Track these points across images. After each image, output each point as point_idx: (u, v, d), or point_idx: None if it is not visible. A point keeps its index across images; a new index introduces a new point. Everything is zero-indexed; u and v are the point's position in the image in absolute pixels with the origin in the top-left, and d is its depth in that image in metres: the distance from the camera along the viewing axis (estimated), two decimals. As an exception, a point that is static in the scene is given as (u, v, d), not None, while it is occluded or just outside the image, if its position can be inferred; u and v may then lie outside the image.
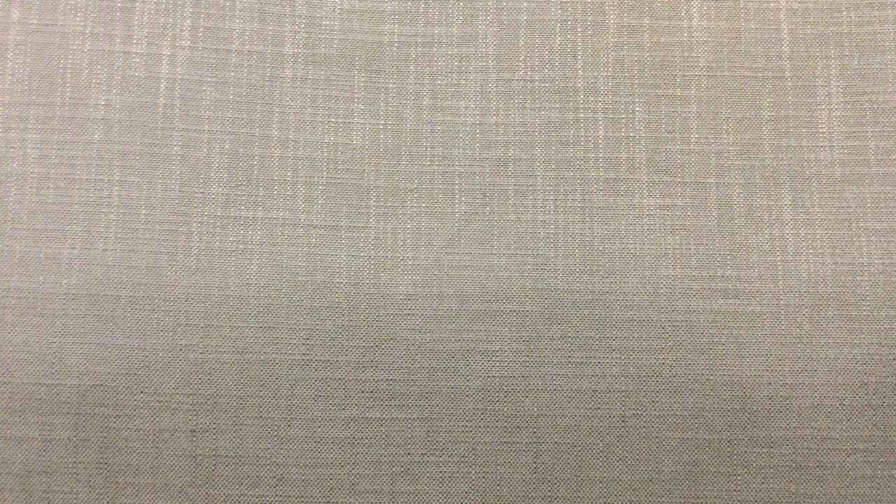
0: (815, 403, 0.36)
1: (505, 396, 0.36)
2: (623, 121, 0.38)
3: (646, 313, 0.37)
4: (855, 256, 0.37)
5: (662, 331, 0.36)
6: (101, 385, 0.36)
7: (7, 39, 0.38)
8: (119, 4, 0.39)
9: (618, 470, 0.36)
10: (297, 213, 0.37)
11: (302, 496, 0.35)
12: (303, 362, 0.36)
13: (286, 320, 0.36)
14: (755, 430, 0.36)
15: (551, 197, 0.38)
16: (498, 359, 0.36)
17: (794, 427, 0.36)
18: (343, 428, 0.36)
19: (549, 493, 0.35)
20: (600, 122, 0.38)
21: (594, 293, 0.37)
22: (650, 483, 0.36)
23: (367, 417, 0.36)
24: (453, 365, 0.36)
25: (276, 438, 0.36)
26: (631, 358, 0.36)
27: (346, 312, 0.37)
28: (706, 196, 0.38)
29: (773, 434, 0.36)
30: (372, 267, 0.37)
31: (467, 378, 0.36)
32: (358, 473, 0.36)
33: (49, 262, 0.36)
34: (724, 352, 0.36)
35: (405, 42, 0.39)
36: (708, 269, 0.37)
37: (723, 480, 0.35)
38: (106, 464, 0.35)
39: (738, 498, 0.35)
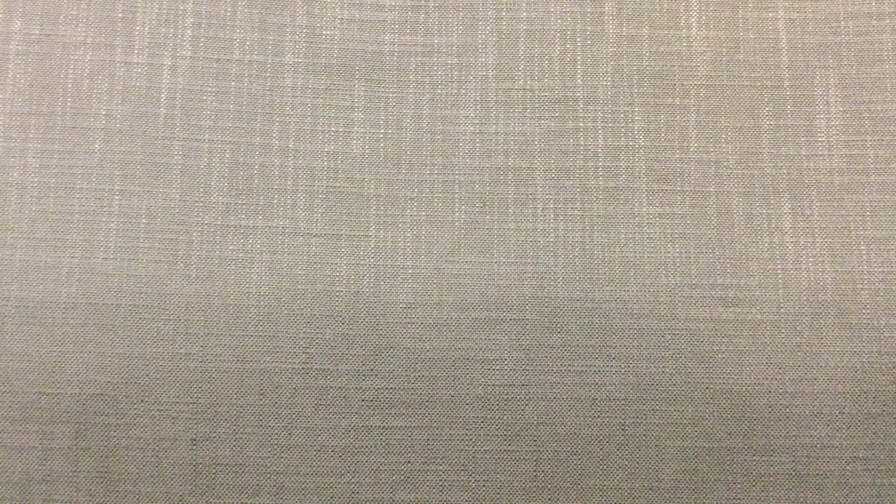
0: (815, 412, 0.36)
1: (505, 405, 0.36)
2: (622, 130, 0.38)
3: (646, 322, 0.37)
4: (854, 265, 0.37)
5: (662, 339, 0.36)
6: (102, 394, 0.36)
7: (8, 49, 0.38)
8: (120, 15, 0.39)
9: (617, 478, 0.36)
10: (298, 222, 0.38)
11: (302, 505, 0.35)
12: (303, 371, 0.36)
13: (286, 329, 0.36)
14: (755, 438, 0.36)
15: (551, 205, 0.38)
16: (498, 367, 0.36)
17: (794, 435, 0.36)
18: (343, 437, 0.36)
19: (549, 502, 0.35)
20: (600, 131, 0.38)
21: (594, 302, 0.37)
22: (650, 491, 0.35)
23: (367, 426, 0.36)
24: (453, 373, 0.36)
25: (276, 447, 0.36)
26: (631, 366, 0.36)
27: (347, 321, 0.37)
28: (706, 205, 0.38)
29: (772, 442, 0.36)
30: (372, 275, 0.37)
31: (467, 386, 0.36)
32: (358, 482, 0.36)
33: (49, 271, 0.37)
34: (723, 360, 0.36)
35: (405, 52, 0.39)
36: (708, 277, 0.37)
37: (722, 488, 0.35)
38: (106, 472, 0.35)
39: (739, 506, 0.35)
